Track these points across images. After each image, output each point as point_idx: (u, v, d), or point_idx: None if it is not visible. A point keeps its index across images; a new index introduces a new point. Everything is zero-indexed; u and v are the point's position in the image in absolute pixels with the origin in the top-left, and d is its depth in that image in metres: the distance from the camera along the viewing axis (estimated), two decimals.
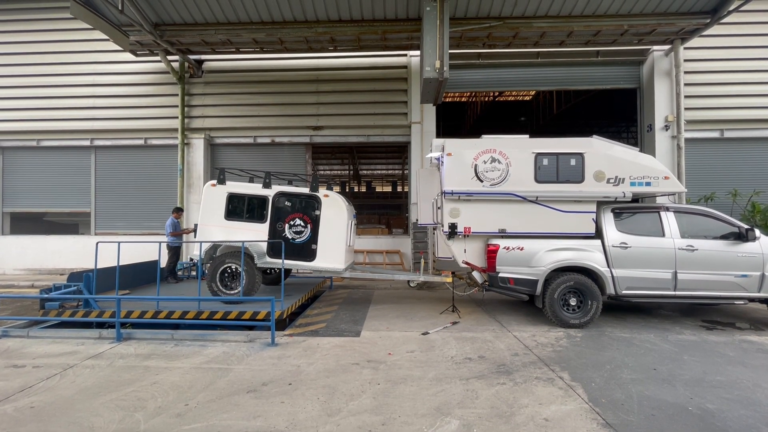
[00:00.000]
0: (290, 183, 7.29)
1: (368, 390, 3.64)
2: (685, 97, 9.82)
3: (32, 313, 7.23)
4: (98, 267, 6.21)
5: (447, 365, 4.25)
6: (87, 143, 11.02)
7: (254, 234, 6.27)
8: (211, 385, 3.76)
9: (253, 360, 4.43)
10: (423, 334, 5.38)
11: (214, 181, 6.44)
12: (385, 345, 4.93)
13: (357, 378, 3.91)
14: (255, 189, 6.46)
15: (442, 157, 6.21)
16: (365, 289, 8.92)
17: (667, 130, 10.00)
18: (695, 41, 9.65)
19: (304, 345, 4.93)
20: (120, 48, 9.82)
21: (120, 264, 6.30)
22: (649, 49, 10.11)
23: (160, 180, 10.97)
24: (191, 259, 7.31)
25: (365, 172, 22.28)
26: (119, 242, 6.25)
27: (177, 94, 10.71)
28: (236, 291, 6.12)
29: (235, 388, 3.69)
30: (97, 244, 6.16)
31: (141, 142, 11.00)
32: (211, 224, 6.31)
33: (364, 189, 23.25)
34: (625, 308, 6.87)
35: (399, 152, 17.80)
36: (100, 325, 6.49)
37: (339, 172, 21.60)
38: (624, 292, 5.66)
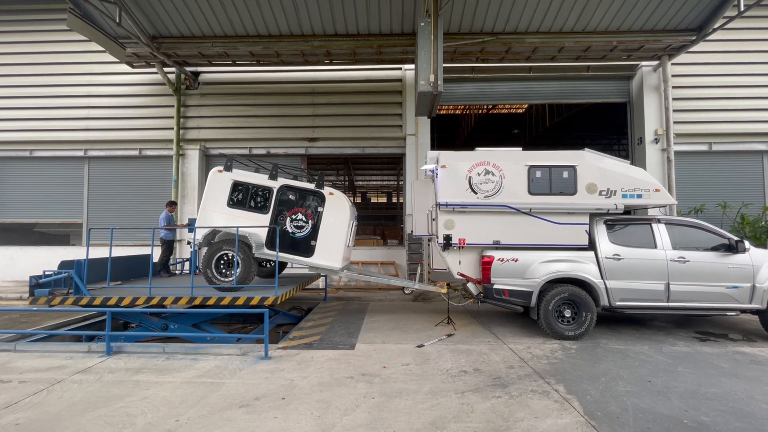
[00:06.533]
0: (295, 178, 7.29)
1: (363, 404, 3.60)
2: (674, 111, 10.06)
3: (20, 326, 7.09)
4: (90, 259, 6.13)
5: (442, 378, 4.21)
6: (81, 153, 10.97)
7: (255, 224, 6.23)
8: (202, 400, 3.69)
9: (246, 374, 4.36)
10: (418, 346, 5.34)
11: (221, 167, 6.42)
12: (380, 358, 4.88)
13: (351, 392, 3.86)
14: (261, 179, 6.43)
15: (436, 169, 6.27)
16: (360, 300, 8.87)
17: (657, 143, 10.19)
18: (682, 57, 9.93)
19: (298, 358, 4.87)
20: (116, 59, 9.86)
21: (112, 256, 6.24)
22: (638, 64, 10.37)
23: (154, 191, 10.90)
24: (189, 243, 7.23)
25: (360, 183, 22.34)
26: (112, 228, 6.16)
27: (173, 106, 10.75)
28: (231, 279, 6.05)
29: (228, 403, 3.63)
30: (89, 230, 6.08)
31: (135, 152, 10.97)
32: (212, 210, 6.26)
33: (359, 200, 23.28)
34: (619, 319, 6.88)
35: (394, 164, 17.91)
36: (90, 339, 6.40)
37: (334, 182, 21.62)
38: (618, 303, 5.68)
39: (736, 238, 5.71)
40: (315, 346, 5.33)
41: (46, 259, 10.69)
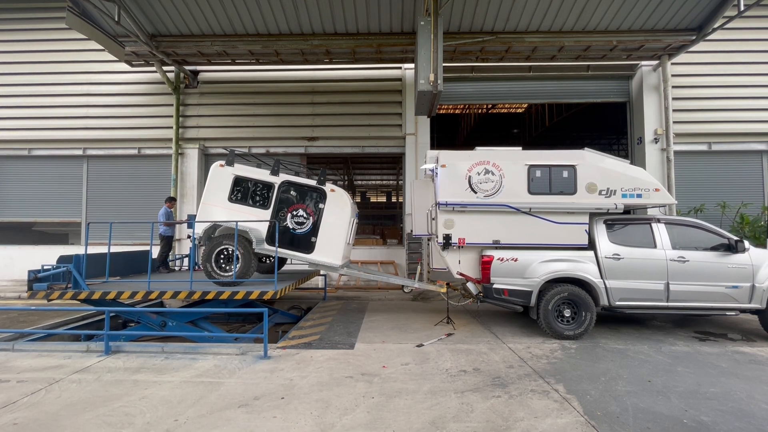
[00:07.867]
0: (297, 175, 7.30)
1: (362, 404, 3.59)
2: (674, 110, 10.06)
3: (18, 326, 7.08)
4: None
5: (442, 378, 4.21)
6: (79, 152, 10.94)
7: (256, 219, 6.23)
8: (201, 400, 3.68)
9: (245, 373, 4.35)
10: (418, 346, 5.33)
11: (222, 162, 6.42)
12: (380, 357, 4.88)
13: (351, 391, 3.86)
14: (262, 175, 6.43)
15: (436, 168, 6.26)
16: (359, 300, 8.86)
17: (656, 142, 10.19)
18: (682, 57, 9.93)
19: (298, 358, 4.86)
20: (115, 58, 9.83)
21: (111, 252, 6.24)
22: (638, 64, 10.36)
23: (153, 190, 10.87)
24: (189, 237, 7.24)
25: (360, 182, 22.31)
26: (111, 222, 6.15)
27: (172, 104, 10.72)
28: (230, 274, 6.05)
29: (227, 403, 3.62)
30: (88, 224, 6.09)
31: (134, 151, 10.94)
32: (213, 204, 6.27)
33: (358, 199, 23.25)
34: (618, 319, 6.88)
35: (394, 163, 17.89)
36: (89, 338, 6.38)
37: (334, 182, 21.57)
38: (617, 303, 5.68)
39: (735, 238, 5.71)
40: (314, 346, 5.32)
41: (45, 258, 10.56)
